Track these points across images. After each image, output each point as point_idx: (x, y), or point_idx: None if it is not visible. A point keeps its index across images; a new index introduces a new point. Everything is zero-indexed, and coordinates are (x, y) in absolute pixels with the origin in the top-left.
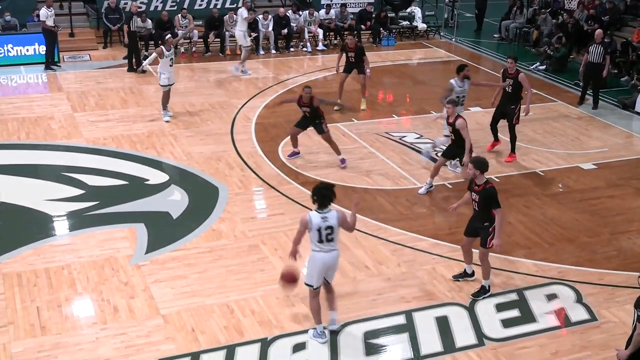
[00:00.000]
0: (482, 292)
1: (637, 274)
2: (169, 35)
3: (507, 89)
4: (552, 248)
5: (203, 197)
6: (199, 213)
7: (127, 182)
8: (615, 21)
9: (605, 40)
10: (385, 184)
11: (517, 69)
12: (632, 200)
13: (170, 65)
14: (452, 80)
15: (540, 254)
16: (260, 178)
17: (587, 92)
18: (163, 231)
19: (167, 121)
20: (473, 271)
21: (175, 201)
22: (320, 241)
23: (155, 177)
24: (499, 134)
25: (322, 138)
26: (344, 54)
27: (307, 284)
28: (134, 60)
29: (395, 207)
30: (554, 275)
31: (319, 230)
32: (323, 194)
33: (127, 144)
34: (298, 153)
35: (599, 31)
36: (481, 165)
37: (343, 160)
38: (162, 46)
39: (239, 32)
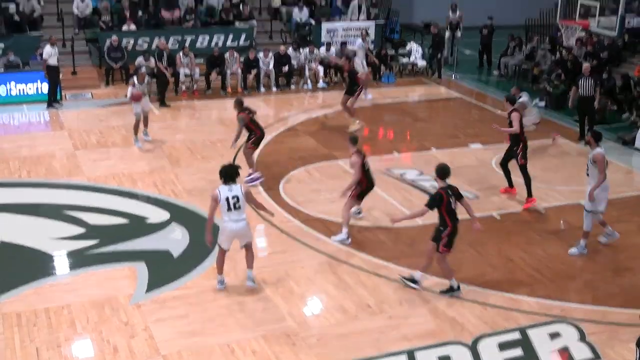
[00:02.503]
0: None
1: (639, 312)
2: (143, 69)
3: None
4: (554, 285)
5: (204, 235)
6: (200, 251)
7: (127, 221)
8: (614, 57)
9: (603, 76)
10: (385, 221)
11: (514, 109)
12: (634, 237)
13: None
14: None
15: (542, 292)
16: (261, 216)
17: (585, 126)
18: (164, 270)
19: (139, 147)
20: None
21: (176, 239)
22: (229, 209)
23: (156, 215)
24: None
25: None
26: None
27: (218, 244)
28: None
29: (397, 244)
30: (557, 313)
31: (227, 199)
32: (228, 172)
33: (128, 182)
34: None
35: (586, 65)
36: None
37: (251, 178)
38: (134, 78)
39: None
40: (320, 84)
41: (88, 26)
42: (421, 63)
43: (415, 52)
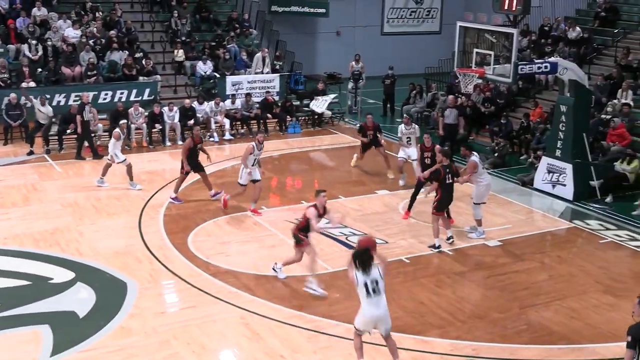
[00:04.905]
0: None
1: (546, 346)
2: (123, 121)
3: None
4: (465, 326)
5: (111, 294)
6: (107, 310)
7: (30, 282)
8: (510, 103)
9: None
10: (297, 270)
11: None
12: (537, 274)
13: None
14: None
15: (454, 333)
16: (170, 271)
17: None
18: (69, 331)
19: (139, 189)
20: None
21: (81, 299)
22: (368, 294)
23: (60, 275)
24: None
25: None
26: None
27: (354, 325)
28: (85, 147)
29: (309, 293)
30: (469, 353)
31: (365, 284)
32: (364, 260)
33: (29, 243)
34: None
35: (451, 97)
36: None
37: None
38: (117, 129)
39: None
40: (227, 136)
41: None
42: (326, 113)
43: (320, 103)
